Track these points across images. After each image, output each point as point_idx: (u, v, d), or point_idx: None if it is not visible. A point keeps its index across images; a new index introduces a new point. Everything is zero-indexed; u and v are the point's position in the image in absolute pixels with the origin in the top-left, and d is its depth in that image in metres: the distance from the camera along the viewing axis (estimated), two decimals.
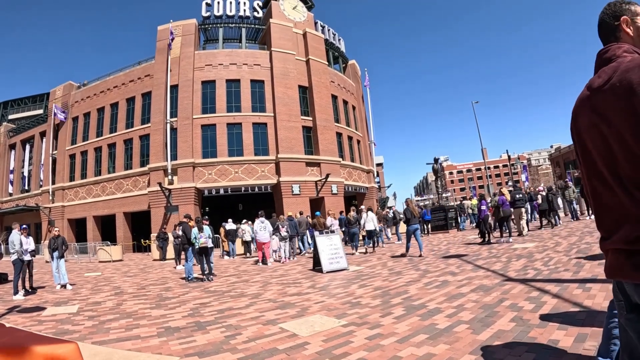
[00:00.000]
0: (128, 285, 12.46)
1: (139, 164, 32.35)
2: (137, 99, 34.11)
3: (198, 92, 31.93)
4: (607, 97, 1.58)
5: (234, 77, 32.63)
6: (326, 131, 33.87)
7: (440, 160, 33.11)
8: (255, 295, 8.79)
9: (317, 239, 12.57)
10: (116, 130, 34.59)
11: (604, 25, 1.82)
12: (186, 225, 13.76)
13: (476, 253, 12.48)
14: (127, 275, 15.65)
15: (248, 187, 30.53)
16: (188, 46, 32.90)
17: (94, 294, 10.75)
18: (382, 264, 12.46)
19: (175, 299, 9.23)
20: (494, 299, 6.25)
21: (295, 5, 37.19)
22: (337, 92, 38.10)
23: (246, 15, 35.59)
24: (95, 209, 34.23)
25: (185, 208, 27.92)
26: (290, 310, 6.90)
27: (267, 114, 32.21)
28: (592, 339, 3.98)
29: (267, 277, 11.93)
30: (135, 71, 35.16)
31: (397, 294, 7.53)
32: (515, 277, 7.86)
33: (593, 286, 6.22)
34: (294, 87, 33.40)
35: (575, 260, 8.71)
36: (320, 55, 36.11)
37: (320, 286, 9.43)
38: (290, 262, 16.07)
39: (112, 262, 23.56)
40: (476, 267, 9.77)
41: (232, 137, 31.29)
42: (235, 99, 32.19)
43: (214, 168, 30.25)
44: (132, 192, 32.26)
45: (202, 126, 31.22)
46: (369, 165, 43.05)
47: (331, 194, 32.26)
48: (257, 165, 30.89)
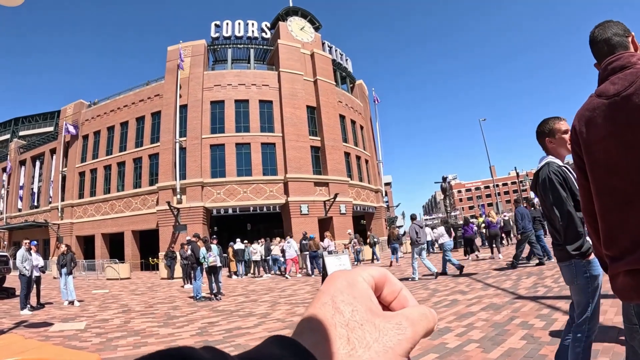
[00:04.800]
0: (136, 303, 12.46)
1: (148, 183, 32.53)
2: (147, 118, 34.45)
3: (207, 112, 32.24)
4: (631, 102, 1.52)
5: (243, 97, 32.98)
6: (334, 151, 33.98)
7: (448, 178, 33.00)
8: (264, 315, 8.73)
9: (326, 259, 12.36)
10: (126, 149, 34.90)
11: (611, 38, 1.80)
12: (195, 244, 13.78)
13: (486, 271, 12.52)
14: (135, 293, 15.65)
15: (256, 207, 30.55)
16: (197, 67, 33.36)
17: (102, 311, 10.77)
18: None
19: (183, 317, 9.21)
20: (504, 317, 6.22)
21: (303, 26, 37.71)
22: (345, 112, 38.30)
23: (254, 36, 36.18)
24: (104, 226, 34.32)
25: (194, 227, 27.83)
26: None
27: (276, 134, 32.44)
28: (603, 354, 3.98)
29: (276, 296, 11.90)
30: (145, 91, 35.61)
31: None
32: (526, 294, 7.83)
33: (604, 302, 6.09)
34: (302, 108, 33.67)
35: None
36: (327, 76, 36.47)
37: None
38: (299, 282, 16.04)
39: (119, 280, 23.53)
40: (486, 285, 9.75)
41: (240, 157, 31.47)
42: (243, 119, 32.47)
43: (222, 188, 30.36)
44: (141, 210, 32.34)
45: (211, 146, 31.47)
46: (378, 185, 43.05)
47: (340, 214, 32.18)
48: (266, 185, 30.97)
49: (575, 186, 2.96)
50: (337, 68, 40.19)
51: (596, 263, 2.83)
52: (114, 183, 34.97)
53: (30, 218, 41.31)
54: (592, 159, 1.68)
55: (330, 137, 34.15)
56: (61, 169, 38.84)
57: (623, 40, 1.77)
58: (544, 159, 3.13)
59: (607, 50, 1.79)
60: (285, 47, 34.88)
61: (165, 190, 30.24)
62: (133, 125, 35.23)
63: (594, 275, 2.86)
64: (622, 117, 1.53)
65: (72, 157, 38.52)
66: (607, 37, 1.80)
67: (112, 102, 37.49)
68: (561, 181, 2.93)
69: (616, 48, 1.77)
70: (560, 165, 3.04)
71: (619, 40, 1.77)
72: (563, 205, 2.87)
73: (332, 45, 40.29)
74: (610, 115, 1.58)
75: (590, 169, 1.70)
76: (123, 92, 37.53)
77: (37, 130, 53.12)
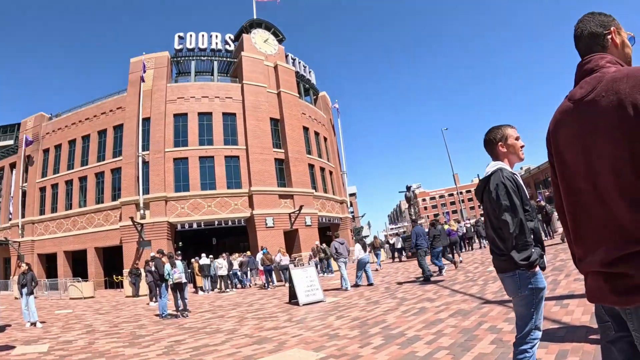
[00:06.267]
0: (100, 323, 12.11)
1: (111, 198, 32.10)
2: (109, 131, 33.94)
3: (170, 125, 32.02)
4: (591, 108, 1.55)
5: (206, 110, 32.96)
6: (298, 163, 34.26)
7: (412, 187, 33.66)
8: (232, 331, 8.58)
9: (293, 272, 12.39)
10: (87, 163, 34.31)
11: (590, 35, 1.77)
12: (158, 260, 13.53)
13: (452, 278, 12.56)
14: (99, 313, 15.27)
15: (221, 221, 30.58)
16: (160, 79, 33.11)
17: (65, 332, 10.46)
18: (358, 294, 12.38)
19: (149, 336, 9.01)
20: (472, 323, 6.24)
21: (267, 39, 37.86)
22: (309, 124, 38.63)
23: (218, 48, 36.13)
24: (66, 243, 33.60)
25: (158, 243, 27.61)
26: (267, 345, 6.78)
27: (239, 146, 32.51)
28: (573, 354, 4.02)
29: (243, 312, 11.78)
30: (107, 103, 35.10)
31: (375, 323, 7.46)
32: (493, 299, 7.90)
33: (570, 302, 6.33)
34: (265, 120, 33.81)
35: (551, 278, 8.80)
36: (291, 88, 36.75)
37: (297, 319, 9.30)
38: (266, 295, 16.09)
39: (83, 299, 23.05)
40: (453, 291, 9.82)
41: (204, 170, 31.40)
42: (207, 132, 32.44)
43: (186, 202, 30.25)
44: (104, 226, 31.84)
45: (175, 159, 31.28)
46: (342, 196, 43.54)
47: (305, 226, 32.48)
48: (230, 198, 31.01)
49: (525, 194, 3.01)
50: (300, 80, 40.55)
51: (541, 275, 2.88)
52: (75, 199, 34.30)
53: None
54: (560, 160, 1.73)
55: (294, 149, 34.42)
56: (21, 184, 37.91)
57: (600, 39, 1.75)
58: (495, 164, 3.07)
59: (584, 50, 1.79)
60: (249, 59, 34.99)
61: (129, 205, 29.94)
62: (95, 138, 34.66)
63: (538, 288, 2.85)
64: (585, 122, 1.58)
65: (32, 171, 37.62)
66: (585, 35, 1.79)
67: (74, 115, 36.82)
68: (515, 188, 2.91)
69: (592, 47, 1.76)
70: (512, 172, 3.01)
71: (596, 40, 1.75)
72: (516, 213, 2.84)
73: (296, 57, 40.62)
74: (575, 119, 1.64)
75: (559, 169, 1.75)
76: (85, 105, 36.92)
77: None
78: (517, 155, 3.07)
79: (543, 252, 2.94)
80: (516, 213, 2.83)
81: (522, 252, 2.79)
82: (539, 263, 2.85)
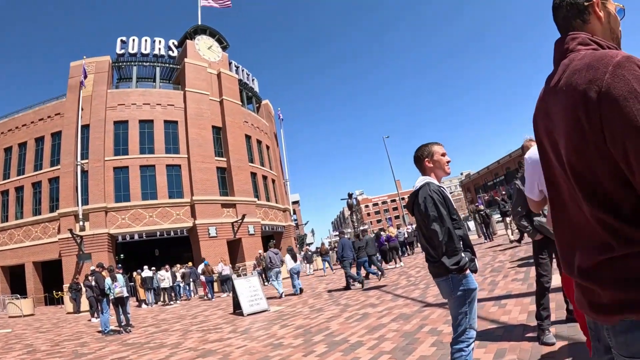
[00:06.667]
0: (41, 342, 11.84)
1: (49, 209, 31.22)
2: (47, 138, 32.95)
3: (110, 133, 31.48)
4: (555, 100, 1.34)
5: (148, 117, 32.57)
6: (240, 171, 34.44)
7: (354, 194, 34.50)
8: (176, 345, 8.50)
9: (236, 282, 12.36)
10: (24, 173, 33.17)
11: (568, 6, 1.46)
12: (98, 275, 13.25)
13: (395, 283, 12.72)
14: (40, 331, 14.89)
15: (163, 232, 30.45)
16: (101, 84, 32.43)
17: (5, 354, 10.28)
18: (302, 302, 12.46)
19: (92, 354, 8.79)
20: (414, 326, 6.35)
21: (211, 45, 37.68)
22: (251, 132, 38.78)
23: (161, 54, 35.79)
24: (3, 258, 32.26)
25: (99, 256, 27.27)
26: (212, 358, 6.75)
27: (181, 155, 32.39)
28: (511, 352, 4.15)
29: (187, 324, 11.72)
30: (46, 109, 34.01)
31: (319, 331, 7.51)
32: (434, 302, 8.04)
33: (508, 302, 6.52)
34: (207, 128, 33.78)
35: (490, 279, 9.09)
36: (234, 96, 36.79)
37: (241, 330, 9.23)
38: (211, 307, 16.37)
39: (23, 317, 22.50)
40: (395, 296, 9.96)
41: (145, 179, 31.13)
42: (148, 140, 32.12)
43: (127, 212, 29.94)
44: (42, 239, 30.93)
45: (115, 168, 30.80)
46: (285, 204, 43.96)
47: (248, 235, 32.75)
48: (172, 208, 30.92)
49: (452, 205, 3.22)
50: (243, 88, 40.63)
51: (472, 277, 3.08)
52: (12, 210, 33.08)
53: None
54: (541, 150, 1.52)
55: (237, 157, 34.55)
56: None
57: (580, 10, 1.44)
58: (423, 179, 3.29)
59: (562, 25, 1.51)
60: (192, 66, 34.77)
61: (67, 216, 29.28)
62: (32, 146, 33.54)
63: (470, 289, 3.03)
64: (551, 114, 1.38)
65: None
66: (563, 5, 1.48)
67: (10, 121, 35.39)
68: (441, 200, 3.11)
69: (570, 20, 1.47)
70: (439, 186, 3.23)
71: (575, 12, 1.45)
72: (444, 222, 3.03)
73: (239, 65, 40.72)
74: (545, 108, 1.44)
75: (542, 159, 1.53)
76: (22, 110, 35.53)
77: None
78: (442, 169, 3.34)
79: (474, 257, 3.19)
80: (444, 222, 3.06)
81: (452, 258, 3.01)
82: (469, 266, 3.07)
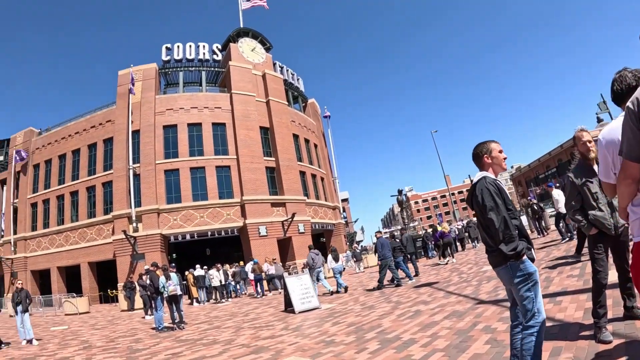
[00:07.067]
0: (96, 338, 12.04)
1: (103, 212, 32.05)
2: (99, 145, 33.91)
3: (160, 137, 32.04)
4: None
5: (196, 120, 32.97)
6: (289, 171, 34.37)
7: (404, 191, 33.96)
8: (228, 342, 8.50)
9: (287, 280, 12.37)
10: (78, 178, 34.22)
11: None
12: (153, 273, 13.48)
13: (447, 279, 12.54)
14: (95, 328, 15.17)
15: (214, 232, 30.61)
16: (149, 91, 33.14)
17: (62, 349, 10.42)
18: (354, 300, 12.32)
19: (146, 350, 8.91)
20: (467, 324, 6.22)
21: (254, 47, 38.03)
22: (299, 131, 38.78)
23: (205, 58, 36.24)
24: (59, 259, 33.45)
25: (152, 255, 27.67)
26: (264, 354, 6.73)
27: (230, 156, 32.58)
28: (567, 350, 4.04)
29: (239, 321, 11.70)
30: (97, 117, 35.04)
31: (371, 328, 7.41)
32: (487, 299, 7.86)
33: (563, 299, 6.32)
34: (255, 129, 33.93)
35: (544, 275, 8.76)
36: (280, 96, 36.92)
37: (293, 327, 9.22)
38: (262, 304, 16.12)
39: (78, 315, 23.01)
40: (448, 293, 9.81)
41: (195, 181, 31.44)
42: (197, 142, 32.47)
43: (179, 213, 30.25)
44: (97, 241, 31.75)
45: (165, 171, 31.29)
46: (335, 202, 43.72)
47: (298, 233, 32.53)
48: (222, 208, 31.06)
49: (508, 197, 3.36)
50: (289, 88, 40.71)
51: (529, 262, 3.18)
52: (67, 213, 34.16)
53: None
54: None
55: (285, 157, 34.53)
56: (12, 201, 37.79)
57: None
58: (480, 174, 3.50)
59: None
60: (237, 68, 35.08)
61: (121, 218, 29.90)
62: (85, 152, 34.61)
63: (529, 272, 3.13)
64: None
65: (23, 187, 37.51)
66: None
67: (63, 130, 36.74)
68: (497, 191, 3.26)
69: None
70: (494, 179, 3.42)
71: None
72: (499, 211, 3.19)
73: (283, 65, 40.86)
74: None
75: None
76: (74, 119, 36.86)
77: None
78: (500, 166, 3.54)
79: (530, 245, 3.26)
80: (499, 211, 3.19)
81: (509, 244, 3.13)
82: (525, 253, 3.15)
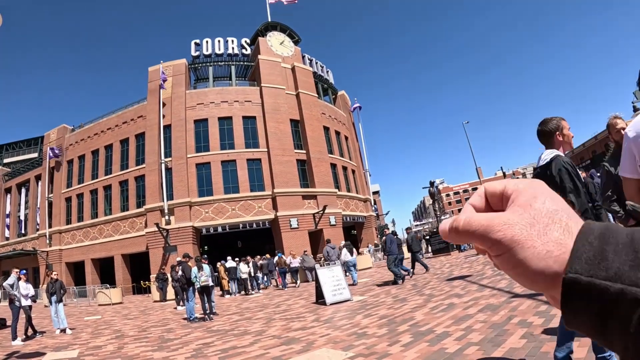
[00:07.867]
0: (129, 328, 12.19)
1: (135, 205, 32.48)
2: (131, 140, 34.42)
3: (191, 131, 32.31)
4: None
5: (226, 114, 33.12)
6: (320, 163, 34.23)
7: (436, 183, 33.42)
8: (259, 333, 8.47)
9: (319, 272, 12.22)
10: (111, 172, 34.79)
11: None
12: (185, 265, 13.58)
13: (480, 273, 12.36)
14: (128, 318, 15.39)
15: (246, 224, 30.66)
16: (179, 86, 33.43)
17: (95, 338, 10.53)
18: (385, 292, 12.21)
19: (178, 340, 8.98)
20: (502, 318, 6.12)
21: (283, 41, 37.99)
22: (329, 124, 38.61)
23: (235, 53, 36.35)
24: (93, 251, 34.10)
25: (184, 247, 27.81)
26: (295, 346, 6.66)
27: (261, 149, 32.62)
28: None
29: (270, 313, 11.66)
30: (128, 113, 35.57)
31: (403, 321, 7.32)
32: (522, 292, 7.73)
33: None
34: (285, 122, 33.89)
35: None
36: (309, 88, 36.80)
37: (324, 319, 9.14)
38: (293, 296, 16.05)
39: (111, 305, 23.39)
40: (481, 286, 9.68)
41: (227, 174, 31.56)
42: (228, 136, 32.60)
43: (210, 206, 30.40)
44: (130, 233, 32.24)
45: (197, 165, 31.49)
46: (366, 194, 43.37)
47: (329, 226, 32.36)
48: (254, 201, 31.08)
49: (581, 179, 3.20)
50: (318, 80, 40.52)
51: None
52: (101, 207, 34.74)
53: (19, 246, 40.89)
54: None
55: (316, 149, 34.40)
56: (47, 195, 38.55)
57: None
58: (551, 152, 3.31)
59: None
60: (266, 62, 35.13)
61: (153, 211, 30.22)
62: (117, 147, 35.15)
63: None
64: None
65: (57, 182, 38.30)
66: None
67: (96, 126, 37.38)
68: (575, 172, 3.12)
69: None
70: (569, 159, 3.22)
71: None
72: (579, 194, 3.05)
73: (312, 57, 40.69)
74: None
75: None
76: (106, 115, 37.47)
77: (21, 157, 52.89)
78: (570, 144, 3.37)
79: None
80: (579, 194, 3.05)
81: None
82: None
